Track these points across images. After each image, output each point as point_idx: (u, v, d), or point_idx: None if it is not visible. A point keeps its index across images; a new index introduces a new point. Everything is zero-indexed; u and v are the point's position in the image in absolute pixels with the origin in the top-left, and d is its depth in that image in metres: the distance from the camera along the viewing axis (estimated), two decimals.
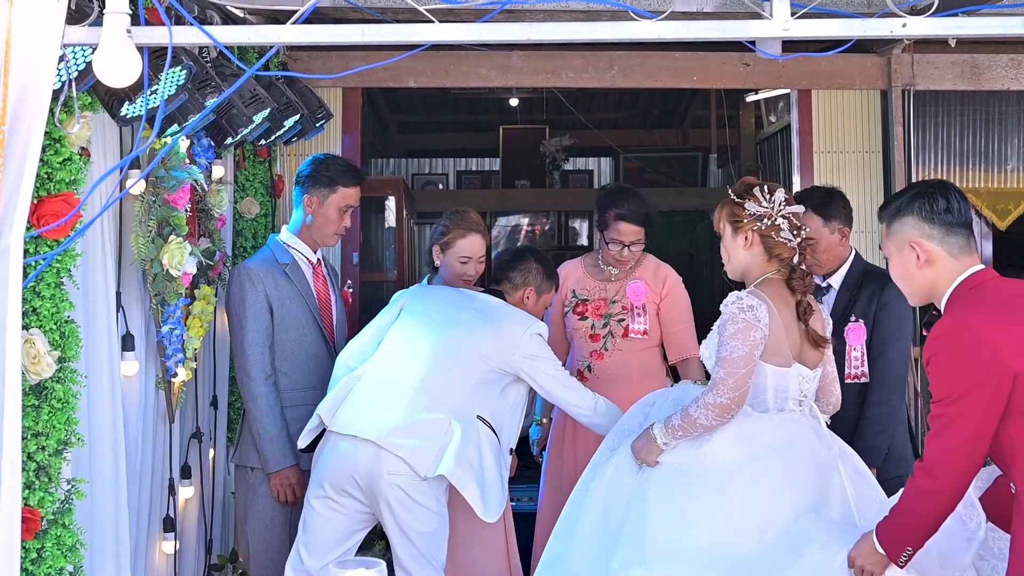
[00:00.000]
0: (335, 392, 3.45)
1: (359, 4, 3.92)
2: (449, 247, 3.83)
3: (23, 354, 2.46)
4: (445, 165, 10.49)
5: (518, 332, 3.50)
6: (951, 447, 2.41)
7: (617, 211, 4.05)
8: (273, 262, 3.78)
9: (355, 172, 3.94)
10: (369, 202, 6.48)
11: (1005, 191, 5.32)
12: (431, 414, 3.34)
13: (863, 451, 3.63)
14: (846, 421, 3.74)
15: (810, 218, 3.64)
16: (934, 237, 2.53)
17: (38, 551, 2.50)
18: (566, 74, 5.19)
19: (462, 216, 3.92)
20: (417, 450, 3.29)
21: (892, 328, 3.77)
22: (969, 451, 2.40)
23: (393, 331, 3.57)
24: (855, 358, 3.76)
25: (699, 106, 9.28)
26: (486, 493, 3.34)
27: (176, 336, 3.46)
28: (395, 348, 3.51)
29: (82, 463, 2.83)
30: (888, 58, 5.12)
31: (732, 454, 2.97)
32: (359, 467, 3.32)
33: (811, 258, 3.62)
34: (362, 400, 3.40)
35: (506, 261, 3.91)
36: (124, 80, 2.57)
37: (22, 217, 2.41)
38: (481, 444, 3.39)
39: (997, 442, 2.42)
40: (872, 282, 3.82)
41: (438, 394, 3.38)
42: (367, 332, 3.65)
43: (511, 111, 9.50)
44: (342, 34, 2.74)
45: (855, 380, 3.76)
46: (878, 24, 2.76)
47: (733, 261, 3.17)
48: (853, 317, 3.78)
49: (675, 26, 2.71)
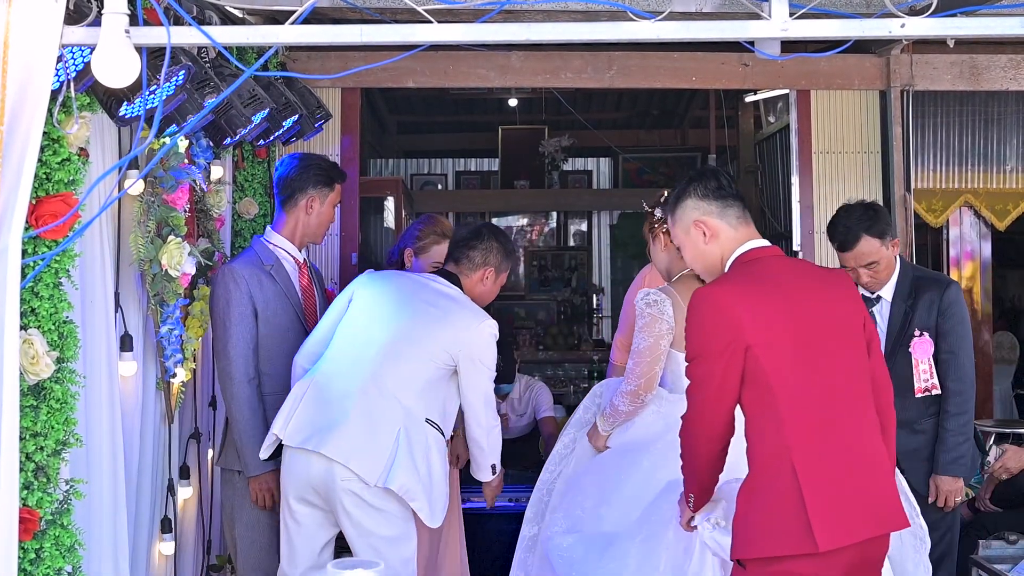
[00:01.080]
0: (287, 403, 3.39)
1: (358, 4, 3.92)
2: (424, 252, 3.91)
3: (21, 354, 2.46)
4: (444, 165, 10.49)
5: (469, 328, 3.41)
6: (699, 403, 2.66)
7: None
8: (257, 263, 3.72)
9: (341, 168, 4.01)
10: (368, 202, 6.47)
11: (1004, 191, 5.32)
12: (381, 419, 3.28)
13: (949, 463, 3.69)
14: (920, 433, 3.76)
15: (869, 243, 3.73)
16: (713, 213, 2.77)
17: (36, 552, 2.50)
18: (565, 74, 5.19)
19: (437, 222, 4.00)
20: (366, 460, 3.23)
21: (958, 333, 3.76)
22: (713, 408, 2.64)
23: (342, 327, 3.48)
24: (923, 371, 3.75)
25: (698, 106, 9.28)
26: (433, 502, 3.31)
27: (175, 336, 3.46)
28: (344, 347, 3.43)
29: (80, 463, 2.83)
30: (887, 58, 5.12)
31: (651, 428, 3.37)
32: (314, 478, 3.29)
33: (873, 279, 3.71)
34: (312, 408, 3.33)
35: (464, 238, 3.67)
36: (123, 80, 2.57)
37: (20, 217, 2.41)
38: (430, 451, 3.33)
39: (740, 406, 2.66)
40: (928, 290, 3.79)
41: (388, 394, 3.31)
42: (320, 329, 3.55)
43: (510, 111, 9.50)
44: (341, 34, 2.74)
45: (926, 393, 3.75)
46: (877, 24, 2.76)
47: (657, 263, 3.63)
48: (917, 331, 3.76)
49: (674, 26, 2.71)
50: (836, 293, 2.74)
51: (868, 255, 3.75)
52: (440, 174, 10.45)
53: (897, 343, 3.79)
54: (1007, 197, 5.32)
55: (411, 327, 3.41)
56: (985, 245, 5.48)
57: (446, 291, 3.53)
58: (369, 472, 3.23)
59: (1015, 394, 7.50)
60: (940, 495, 3.71)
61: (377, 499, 3.27)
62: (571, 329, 9.81)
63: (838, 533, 2.50)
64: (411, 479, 3.25)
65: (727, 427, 2.67)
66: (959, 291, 3.85)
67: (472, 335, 3.40)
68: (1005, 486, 4.31)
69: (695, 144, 9.75)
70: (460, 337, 3.39)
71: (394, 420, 3.29)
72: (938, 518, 3.74)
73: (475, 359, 3.40)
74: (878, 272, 3.78)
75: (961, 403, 3.72)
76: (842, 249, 3.80)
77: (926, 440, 3.75)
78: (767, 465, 2.58)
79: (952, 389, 3.73)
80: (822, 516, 2.49)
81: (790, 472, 2.52)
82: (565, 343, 9.56)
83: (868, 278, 3.79)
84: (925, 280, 3.86)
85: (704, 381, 2.63)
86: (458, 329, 3.41)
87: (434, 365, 3.38)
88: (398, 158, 10.36)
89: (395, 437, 3.27)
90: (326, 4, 3.72)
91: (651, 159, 9.99)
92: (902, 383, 3.77)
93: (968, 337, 3.81)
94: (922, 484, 3.75)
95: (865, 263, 3.76)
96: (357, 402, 3.30)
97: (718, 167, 2.86)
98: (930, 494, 3.74)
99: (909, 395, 3.75)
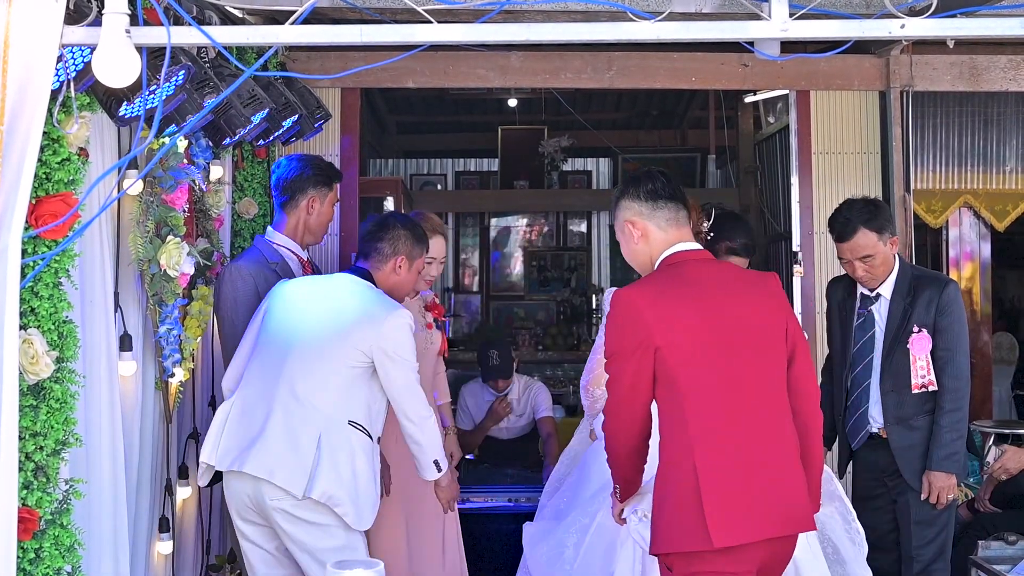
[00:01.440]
0: (212, 428, 3.37)
1: (358, 4, 3.92)
2: None
3: (21, 354, 2.46)
4: (443, 166, 10.48)
5: (378, 322, 3.34)
6: (615, 398, 2.77)
7: (728, 244, 3.91)
8: (263, 261, 3.74)
9: (337, 168, 4.06)
10: (368, 203, 6.48)
11: (1003, 192, 5.32)
12: (300, 429, 3.23)
13: (943, 459, 3.70)
14: (916, 430, 3.78)
15: (866, 236, 3.77)
16: (643, 214, 2.86)
17: (36, 551, 2.50)
18: (565, 75, 5.19)
19: (425, 218, 3.99)
20: (289, 472, 3.19)
21: (955, 332, 3.78)
22: (628, 404, 2.75)
23: (259, 342, 3.43)
24: (921, 367, 3.77)
25: (698, 107, 9.27)
26: (360, 505, 3.25)
27: (174, 336, 3.46)
28: (259, 362, 3.39)
29: (80, 463, 2.83)
30: (886, 59, 5.12)
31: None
32: (247, 498, 3.28)
33: (868, 273, 3.72)
34: (235, 429, 3.31)
35: (371, 232, 3.61)
36: (123, 80, 2.57)
37: (20, 217, 2.41)
38: (354, 454, 3.27)
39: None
40: (926, 288, 3.82)
41: (305, 402, 3.26)
42: (240, 348, 3.50)
43: (510, 111, 9.49)
44: (341, 34, 2.74)
45: (922, 389, 3.77)
46: (877, 25, 2.76)
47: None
48: (916, 328, 3.78)
49: (674, 27, 2.71)
50: (758, 298, 2.80)
51: (864, 248, 3.79)
52: (440, 174, 10.44)
53: (896, 340, 3.81)
54: (1006, 198, 5.32)
55: (320, 331, 3.35)
56: (984, 246, 5.48)
57: (354, 288, 3.47)
58: (294, 484, 3.18)
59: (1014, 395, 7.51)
60: (932, 491, 3.72)
61: (309, 513, 3.22)
62: (570, 329, 9.82)
63: (735, 531, 2.58)
64: (333, 485, 3.20)
65: (644, 422, 2.78)
66: (957, 290, 3.87)
67: (383, 329, 3.33)
68: (1004, 487, 4.32)
69: (695, 144, 9.75)
70: (370, 333, 3.32)
71: (313, 428, 3.23)
72: (932, 516, 3.77)
73: (389, 352, 3.32)
74: (874, 267, 3.81)
75: (956, 400, 3.75)
76: (839, 240, 3.85)
77: (921, 437, 3.77)
78: (673, 462, 2.70)
79: (948, 386, 3.75)
80: (718, 514, 2.58)
81: (691, 470, 2.63)
82: (564, 343, 9.57)
83: (863, 272, 3.83)
84: (924, 279, 3.88)
85: (618, 379, 2.76)
86: (367, 325, 3.34)
87: (349, 365, 3.32)
88: (398, 158, 10.36)
89: (315, 445, 3.21)
90: (326, 4, 3.72)
91: (651, 159, 9.96)
92: (900, 379, 3.80)
93: (964, 335, 3.83)
94: (916, 480, 3.77)
95: (860, 255, 3.80)
96: (274, 415, 3.25)
97: (660, 169, 2.92)
98: (923, 490, 3.75)
99: (906, 391, 3.78)
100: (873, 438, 3.88)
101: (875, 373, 3.86)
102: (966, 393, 3.79)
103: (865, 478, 3.95)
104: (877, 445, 3.86)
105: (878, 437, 3.86)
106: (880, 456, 3.85)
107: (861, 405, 3.88)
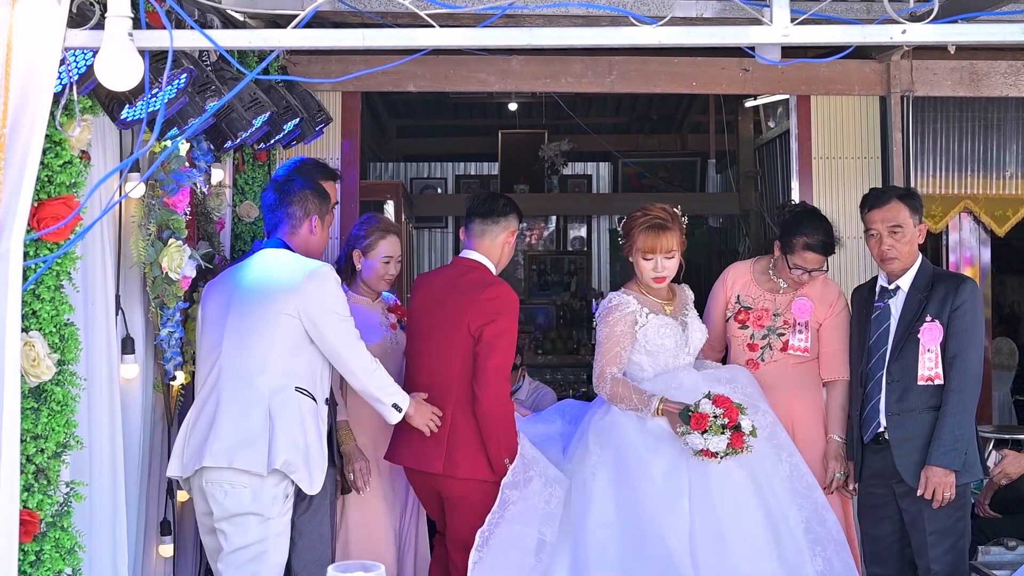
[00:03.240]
0: (177, 444, 3.40)
1: (359, 8, 3.92)
2: (371, 250, 3.98)
3: (23, 357, 2.46)
4: (444, 169, 10.49)
5: (296, 280, 3.38)
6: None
7: (806, 240, 3.94)
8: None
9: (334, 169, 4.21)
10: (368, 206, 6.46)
11: (1003, 197, 5.33)
12: (248, 408, 3.28)
13: (942, 455, 3.65)
14: (919, 423, 3.74)
15: (900, 207, 3.84)
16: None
17: (36, 554, 2.50)
18: (565, 79, 5.21)
19: (378, 219, 4.11)
20: (247, 452, 3.24)
21: (968, 331, 3.75)
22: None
23: (200, 346, 3.48)
24: (928, 359, 3.74)
25: (698, 111, 9.28)
26: (312, 470, 3.33)
27: (175, 339, 3.47)
28: (203, 364, 3.43)
29: (81, 466, 2.83)
30: (887, 64, 5.13)
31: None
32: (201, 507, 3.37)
33: (892, 248, 3.81)
34: (194, 435, 3.34)
35: (277, 199, 3.62)
36: (126, 83, 2.57)
37: (22, 220, 2.41)
38: (304, 419, 3.34)
39: None
40: (944, 284, 3.81)
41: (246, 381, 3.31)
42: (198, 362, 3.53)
43: (510, 115, 9.50)
44: (343, 38, 2.75)
45: (928, 382, 3.74)
46: (878, 31, 2.76)
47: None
48: (928, 317, 3.76)
49: (675, 31, 2.71)
50: (466, 300, 3.63)
51: (895, 218, 3.81)
52: (440, 178, 10.45)
53: (908, 330, 3.78)
54: (1007, 203, 5.33)
55: (244, 309, 3.38)
56: (984, 251, 5.48)
57: (271, 260, 3.51)
58: (255, 462, 3.23)
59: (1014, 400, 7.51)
60: (928, 486, 3.66)
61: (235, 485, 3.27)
62: (570, 333, 9.81)
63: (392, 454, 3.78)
64: (292, 453, 3.27)
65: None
66: (975, 288, 3.84)
67: (303, 287, 3.37)
68: (1004, 492, 4.31)
69: (695, 149, 9.76)
70: (292, 298, 3.36)
71: (260, 403, 3.29)
72: (948, 525, 3.71)
73: (313, 313, 3.36)
74: (899, 243, 3.80)
75: (962, 399, 3.70)
76: (873, 206, 3.86)
77: (920, 431, 3.71)
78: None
79: (955, 384, 3.71)
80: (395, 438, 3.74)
81: None
82: (564, 347, 9.57)
83: (888, 246, 3.81)
84: (943, 276, 3.91)
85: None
86: (289, 291, 3.37)
87: (282, 332, 3.36)
88: (398, 162, 10.37)
89: (267, 418, 3.27)
90: (327, 8, 3.73)
91: (651, 163, 9.99)
92: (908, 370, 3.77)
93: (979, 336, 3.78)
94: (912, 475, 3.73)
95: (891, 224, 3.81)
96: (223, 404, 3.30)
97: (494, 192, 3.13)
98: (919, 486, 3.71)
99: (912, 383, 3.75)
100: (880, 437, 3.84)
101: (886, 363, 3.83)
102: (973, 393, 3.74)
103: (872, 484, 3.91)
104: (884, 449, 3.83)
105: (885, 439, 3.83)
106: (888, 463, 3.81)
107: (873, 396, 3.85)
